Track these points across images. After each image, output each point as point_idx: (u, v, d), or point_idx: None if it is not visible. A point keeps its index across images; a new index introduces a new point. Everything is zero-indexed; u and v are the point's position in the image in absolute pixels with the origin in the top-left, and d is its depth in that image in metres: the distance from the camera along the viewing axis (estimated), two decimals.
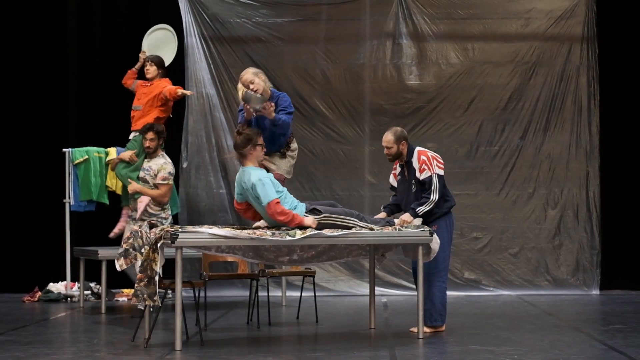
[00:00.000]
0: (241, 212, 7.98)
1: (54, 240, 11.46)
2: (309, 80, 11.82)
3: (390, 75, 12.06)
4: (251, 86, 8.23)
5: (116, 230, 9.82)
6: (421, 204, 8.02)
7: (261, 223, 7.71)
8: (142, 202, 9.13)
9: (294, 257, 8.07)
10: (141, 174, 9.29)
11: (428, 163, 8.08)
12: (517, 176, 12.03)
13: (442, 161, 8.19)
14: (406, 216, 8.01)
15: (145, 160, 9.31)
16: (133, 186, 9.20)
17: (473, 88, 12.05)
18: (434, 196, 8.01)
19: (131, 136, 9.87)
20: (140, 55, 10.32)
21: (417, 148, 8.23)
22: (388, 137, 8.27)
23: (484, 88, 12.05)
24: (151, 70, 9.98)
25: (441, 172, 8.11)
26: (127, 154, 9.51)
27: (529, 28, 12.04)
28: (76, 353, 7.20)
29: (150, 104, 9.79)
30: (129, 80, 10.20)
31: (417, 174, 8.09)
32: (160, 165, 9.15)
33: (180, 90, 9.77)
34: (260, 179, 7.53)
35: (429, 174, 8.05)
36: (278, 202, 7.48)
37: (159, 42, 10.59)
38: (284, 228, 7.51)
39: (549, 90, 12.02)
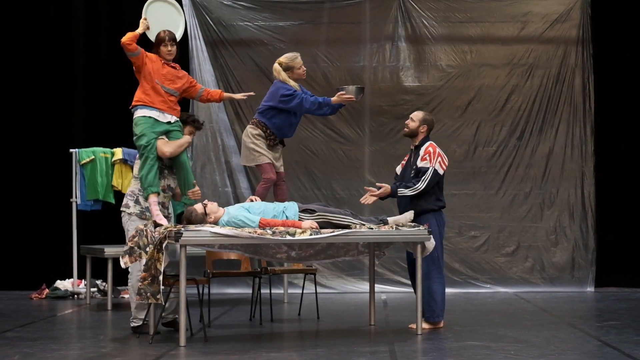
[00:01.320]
0: None
1: (61, 238, 11.47)
2: (310, 82, 11.81)
3: (390, 77, 12.08)
4: (304, 67, 8.55)
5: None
6: (405, 187, 8.07)
7: None
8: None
9: (292, 254, 8.11)
10: None
11: (432, 156, 8.12)
12: (514, 176, 12.05)
13: (446, 162, 8.22)
14: (384, 189, 8.08)
15: None
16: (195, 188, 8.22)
17: (471, 90, 12.07)
18: (421, 186, 8.03)
19: (166, 118, 8.12)
20: (142, 21, 8.49)
21: (432, 142, 8.26)
22: (417, 113, 8.41)
23: (482, 90, 12.07)
24: (173, 51, 8.30)
25: (440, 171, 8.12)
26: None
27: (525, 31, 12.06)
28: (83, 349, 7.21)
29: (182, 92, 8.38)
30: (134, 43, 8.16)
31: (418, 161, 8.12)
32: None
33: (226, 95, 8.71)
34: (237, 220, 7.51)
35: (428, 165, 8.08)
36: (262, 219, 7.51)
37: (163, 18, 8.62)
38: (284, 228, 7.51)
39: (545, 91, 12.04)
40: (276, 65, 8.50)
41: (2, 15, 12.01)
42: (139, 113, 8.05)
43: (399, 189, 8.09)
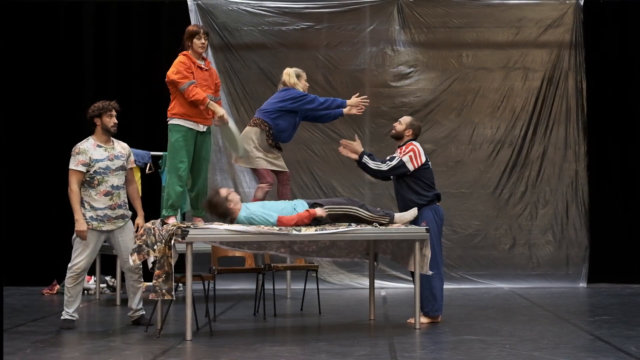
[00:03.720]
0: None
1: (72, 236, 11.47)
2: (312, 85, 11.76)
3: (389, 80, 12.10)
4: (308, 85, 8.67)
5: None
6: (373, 160, 8.24)
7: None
8: None
9: (295, 249, 8.15)
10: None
11: (404, 151, 8.23)
12: (510, 176, 12.06)
13: (419, 160, 8.18)
14: (357, 147, 8.30)
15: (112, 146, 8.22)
16: None
17: (467, 92, 12.09)
18: (384, 167, 8.16)
19: (199, 128, 7.99)
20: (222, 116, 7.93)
21: (413, 142, 8.30)
22: (405, 117, 8.58)
23: (478, 92, 12.09)
24: (206, 44, 8.03)
25: (408, 164, 8.13)
26: None
27: (519, 36, 12.08)
28: (92, 343, 7.23)
29: (215, 93, 8.14)
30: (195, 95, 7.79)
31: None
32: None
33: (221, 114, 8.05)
34: (254, 217, 7.56)
35: (396, 155, 8.21)
36: (280, 217, 7.52)
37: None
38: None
39: (539, 94, 12.06)
40: (289, 69, 8.55)
41: (16, 24, 12.03)
42: (175, 123, 7.90)
43: (364, 157, 8.25)
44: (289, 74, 8.51)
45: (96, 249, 8.11)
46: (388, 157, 8.30)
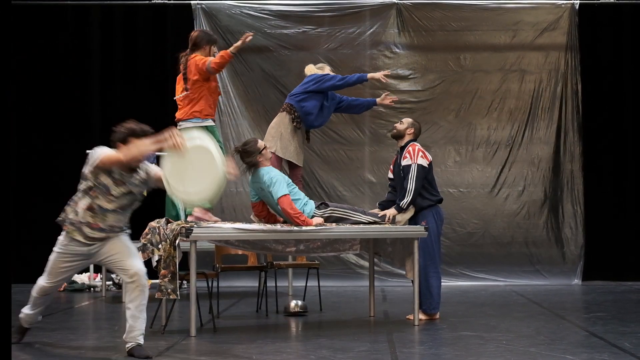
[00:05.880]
0: (256, 211, 8.01)
1: None
2: None
3: (388, 82, 12.09)
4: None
5: None
6: (403, 197, 8.08)
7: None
8: None
9: (300, 247, 8.17)
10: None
11: (412, 153, 8.15)
12: (508, 175, 12.08)
13: (429, 157, 8.21)
14: (391, 210, 8.07)
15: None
16: None
17: (465, 94, 12.10)
18: (411, 185, 8.04)
19: (207, 123, 8.12)
20: (246, 39, 7.98)
21: (414, 142, 8.29)
22: (406, 118, 8.55)
23: (476, 94, 12.09)
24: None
25: (424, 164, 8.12)
26: None
27: (516, 38, 12.09)
28: (98, 339, 7.24)
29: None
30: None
31: (401, 161, 8.19)
32: None
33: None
34: (271, 177, 7.57)
35: (410, 162, 8.11)
36: (288, 197, 7.52)
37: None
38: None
39: (535, 96, 12.06)
40: (309, 65, 8.84)
41: (24, 27, 12.04)
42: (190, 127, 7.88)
43: (400, 203, 8.08)
44: (310, 69, 8.78)
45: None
46: (401, 169, 8.19)
